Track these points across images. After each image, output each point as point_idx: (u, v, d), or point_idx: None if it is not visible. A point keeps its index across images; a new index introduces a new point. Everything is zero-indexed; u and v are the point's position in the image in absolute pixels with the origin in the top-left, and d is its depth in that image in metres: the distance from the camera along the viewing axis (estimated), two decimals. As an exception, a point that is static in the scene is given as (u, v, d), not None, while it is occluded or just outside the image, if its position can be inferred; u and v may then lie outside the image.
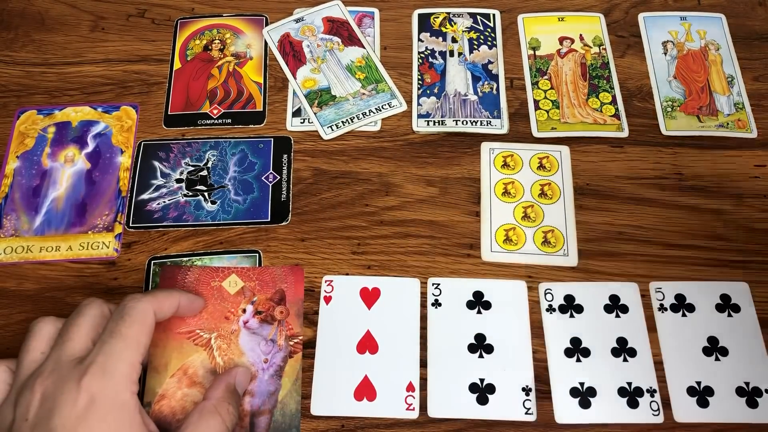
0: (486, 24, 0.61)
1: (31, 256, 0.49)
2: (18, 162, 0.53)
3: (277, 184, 0.52)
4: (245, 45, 0.60)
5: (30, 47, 0.60)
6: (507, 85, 0.57)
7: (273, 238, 0.50)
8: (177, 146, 0.54)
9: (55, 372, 0.35)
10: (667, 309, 0.47)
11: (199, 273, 0.47)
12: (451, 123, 0.55)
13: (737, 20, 0.61)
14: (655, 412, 0.43)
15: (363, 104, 0.56)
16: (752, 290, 0.48)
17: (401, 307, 0.47)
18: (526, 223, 0.50)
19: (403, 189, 0.52)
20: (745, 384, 0.44)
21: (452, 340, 0.46)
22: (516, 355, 0.45)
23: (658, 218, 0.51)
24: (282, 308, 0.46)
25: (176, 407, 0.42)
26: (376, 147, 0.54)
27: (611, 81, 0.57)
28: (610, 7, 0.62)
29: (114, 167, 0.53)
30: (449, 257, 0.49)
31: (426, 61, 0.59)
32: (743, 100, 0.56)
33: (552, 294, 0.48)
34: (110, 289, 0.48)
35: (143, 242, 0.50)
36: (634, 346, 0.46)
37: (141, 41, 0.60)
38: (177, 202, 0.52)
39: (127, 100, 0.57)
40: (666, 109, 0.56)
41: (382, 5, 0.62)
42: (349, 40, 0.60)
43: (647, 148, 0.54)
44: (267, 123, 0.55)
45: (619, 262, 0.49)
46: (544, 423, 0.43)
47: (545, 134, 0.55)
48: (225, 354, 0.44)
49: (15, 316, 0.48)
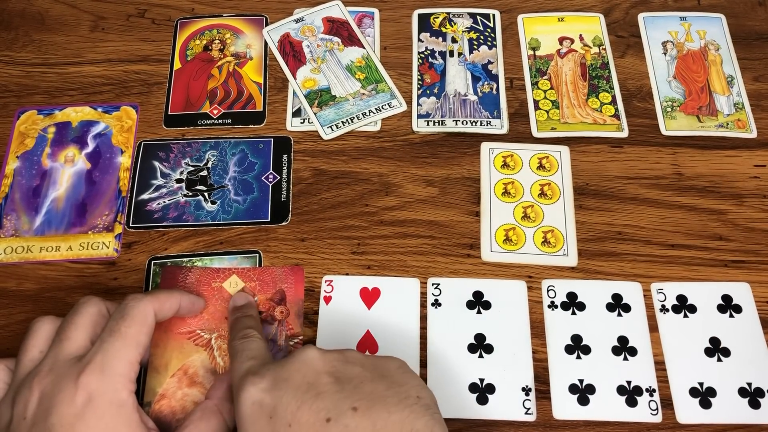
0: (486, 24, 0.61)
1: (31, 256, 0.49)
2: (18, 162, 0.53)
3: (277, 184, 0.52)
4: (245, 45, 0.60)
5: (30, 47, 0.60)
6: (507, 85, 0.57)
7: (273, 238, 0.50)
8: (177, 146, 0.54)
9: (53, 371, 0.35)
10: (668, 310, 0.47)
11: (200, 274, 0.47)
12: (451, 123, 0.55)
13: (737, 20, 0.61)
14: (654, 412, 0.43)
15: (363, 104, 0.56)
16: (753, 290, 0.48)
17: (401, 307, 0.47)
18: (526, 223, 0.50)
19: (403, 189, 0.52)
20: (748, 385, 0.44)
21: (452, 340, 0.46)
22: (516, 355, 0.45)
23: (658, 218, 0.51)
24: (282, 308, 0.46)
25: (176, 407, 0.42)
26: (376, 147, 0.54)
27: (611, 81, 0.57)
28: (610, 7, 0.62)
29: (114, 167, 0.53)
30: (449, 257, 0.49)
31: (426, 61, 0.59)
32: (743, 100, 0.56)
33: (554, 291, 0.48)
34: (110, 290, 0.48)
35: (143, 242, 0.50)
36: (635, 345, 0.46)
37: (141, 41, 0.60)
38: (177, 202, 0.52)
39: (127, 100, 0.57)
40: (666, 109, 0.56)
41: (382, 5, 0.62)
42: (349, 40, 0.60)
43: (647, 148, 0.54)
44: (267, 123, 0.56)
45: (619, 262, 0.49)
46: (544, 423, 0.43)
47: (545, 134, 0.55)
48: (225, 354, 0.44)
49: (15, 316, 0.48)
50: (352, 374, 0.36)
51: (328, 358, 0.37)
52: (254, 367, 0.37)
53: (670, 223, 0.51)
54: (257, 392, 0.35)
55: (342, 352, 0.37)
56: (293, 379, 0.35)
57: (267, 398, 0.34)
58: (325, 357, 0.36)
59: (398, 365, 0.37)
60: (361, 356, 0.38)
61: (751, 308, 0.47)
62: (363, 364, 0.37)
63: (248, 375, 0.36)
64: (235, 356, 0.39)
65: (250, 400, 0.35)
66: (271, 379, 0.35)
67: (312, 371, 0.36)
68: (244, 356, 0.38)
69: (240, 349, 0.39)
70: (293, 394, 0.34)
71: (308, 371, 0.36)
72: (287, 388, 0.35)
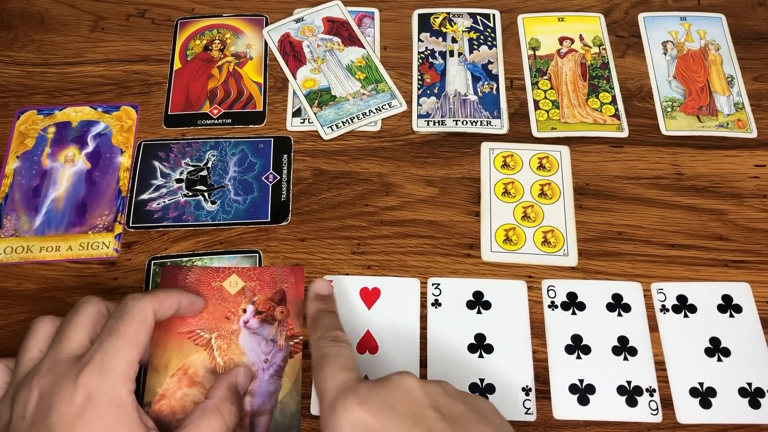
0: (486, 24, 0.61)
1: (31, 256, 0.49)
2: (18, 162, 0.53)
3: (277, 184, 0.52)
4: (245, 45, 0.60)
5: (30, 47, 0.60)
6: (507, 85, 0.57)
7: (273, 238, 0.50)
8: (177, 146, 0.54)
9: (52, 370, 0.35)
10: (668, 310, 0.47)
11: (199, 273, 0.47)
12: (451, 123, 0.55)
13: (737, 20, 0.61)
14: (654, 412, 0.43)
15: (363, 104, 0.56)
16: (753, 290, 0.48)
17: (401, 307, 0.47)
18: (526, 223, 0.50)
19: (403, 189, 0.52)
20: (748, 385, 0.44)
21: (452, 340, 0.46)
22: (516, 355, 0.45)
23: (658, 218, 0.51)
24: (282, 308, 0.46)
25: (176, 407, 0.42)
26: (376, 147, 0.54)
27: (611, 81, 0.57)
28: (610, 7, 0.62)
29: (114, 167, 0.53)
30: (449, 257, 0.49)
31: (426, 61, 0.59)
32: (743, 100, 0.56)
33: (555, 291, 0.48)
34: (110, 290, 0.48)
35: (143, 242, 0.50)
36: (635, 345, 0.46)
37: (141, 41, 0.60)
38: (177, 202, 0.52)
39: (127, 100, 0.57)
40: (666, 109, 0.56)
41: (382, 5, 0.62)
42: (349, 40, 0.60)
43: (647, 148, 0.54)
44: (267, 123, 0.56)
45: (619, 262, 0.49)
46: (544, 423, 0.43)
47: (545, 134, 0.55)
48: (225, 354, 0.44)
49: (15, 316, 0.48)
50: (456, 412, 0.35)
51: (429, 390, 0.35)
52: (352, 382, 0.35)
53: (670, 223, 0.51)
54: (362, 414, 0.33)
55: (440, 384, 0.36)
56: (399, 407, 0.34)
57: (372, 423, 0.33)
58: (425, 388, 0.35)
59: (493, 409, 0.37)
60: (458, 392, 0.37)
61: (751, 308, 0.47)
62: (464, 401, 0.36)
63: (349, 391, 0.35)
64: (326, 361, 0.37)
65: (353, 420, 0.33)
66: (376, 403, 0.34)
67: (417, 403, 0.34)
68: (338, 364, 0.37)
69: (333, 354, 0.37)
70: (402, 425, 0.33)
71: (413, 402, 0.34)
72: (394, 417, 0.33)
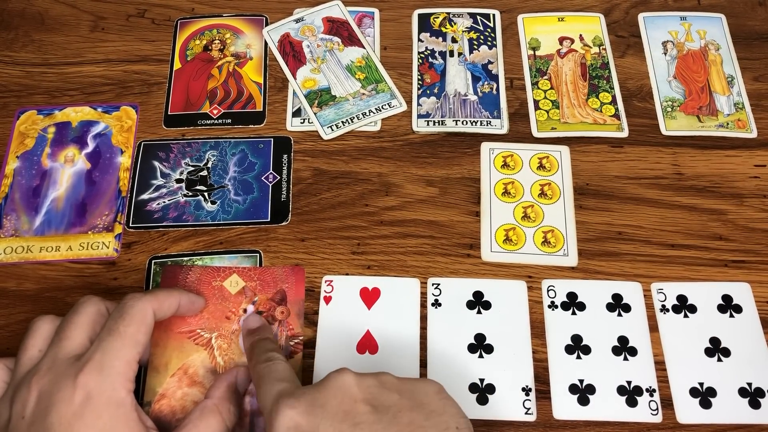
0: (486, 24, 0.61)
1: (31, 256, 0.49)
2: (18, 162, 0.53)
3: (277, 184, 0.52)
4: (245, 45, 0.60)
5: (30, 47, 0.60)
6: (507, 85, 0.57)
7: (273, 238, 0.50)
8: (177, 146, 0.54)
9: (51, 370, 0.35)
10: (668, 310, 0.47)
11: (200, 273, 0.47)
12: (451, 123, 0.55)
13: (737, 20, 0.61)
14: (654, 412, 0.43)
15: (363, 104, 0.56)
16: (753, 290, 0.48)
17: (401, 307, 0.47)
18: (526, 223, 0.50)
19: (403, 189, 0.52)
20: (748, 385, 0.44)
21: (452, 340, 0.46)
22: (516, 355, 0.45)
23: (658, 218, 0.51)
24: (283, 308, 0.46)
25: (176, 406, 0.42)
26: (376, 147, 0.54)
27: (611, 81, 0.57)
28: (610, 7, 0.62)
29: (114, 167, 0.53)
30: (449, 257, 0.49)
31: (426, 61, 0.59)
32: (743, 100, 0.56)
33: (555, 291, 0.47)
34: (110, 290, 0.48)
35: (143, 242, 0.50)
36: (635, 345, 0.46)
37: (141, 41, 0.60)
38: (177, 202, 0.52)
39: (127, 100, 0.57)
40: (666, 109, 0.56)
41: (382, 5, 0.62)
42: (349, 40, 0.60)
43: (647, 148, 0.54)
44: (267, 123, 0.56)
45: (619, 262, 0.49)
46: (544, 423, 0.43)
47: (545, 134, 0.55)
48: (225, 354, 0.44)
49: (15, 316, 0.48)
50: (389, 402, 0.35)
51: (365, 383, 0.36)
52: (287, 389, 0.36)
53: (670, 223, 0.51)
54: (295, 415, 0.34)
55: (378, 376, 0.37)
56: (330, 405, 0.34)
57: (304, 423, 0.34)
58: (361, 382, 0.36)
59: (436, 390, 0.37)
60: (397, 381, 0.37)
61: (751, 308, 0.47)
62: (400, 390, 0.36)
63: (283, 397, 0.35)
64: (262, 380, 0.38)
65: (286, 424, 0.34)
66: (307, 404, 0.34)
67: (349, 398, 0.35)
68: (272, 378, 0.37)
69: (266, 372, 0.38)
70: (330, 422, 0.34)
71: (345, 398, 0.35)
72: (324, 415, 0.34)
